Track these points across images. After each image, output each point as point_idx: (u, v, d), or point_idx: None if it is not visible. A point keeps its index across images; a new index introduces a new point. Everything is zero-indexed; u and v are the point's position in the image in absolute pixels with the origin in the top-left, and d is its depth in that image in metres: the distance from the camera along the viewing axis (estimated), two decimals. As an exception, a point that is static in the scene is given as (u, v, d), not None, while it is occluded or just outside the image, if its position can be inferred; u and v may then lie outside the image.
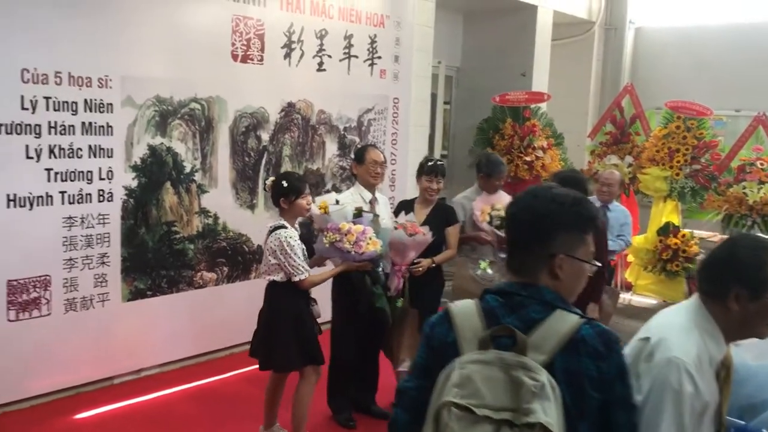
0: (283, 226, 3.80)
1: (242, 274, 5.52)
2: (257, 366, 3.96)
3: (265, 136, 5.54)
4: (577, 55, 9.69)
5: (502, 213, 4.67)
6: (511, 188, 7.36)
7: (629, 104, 8.15)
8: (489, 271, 4.73)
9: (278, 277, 3.80)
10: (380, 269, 4.17)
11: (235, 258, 5.47)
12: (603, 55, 9.89)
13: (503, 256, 4.72)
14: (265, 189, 3.99)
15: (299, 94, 5.74)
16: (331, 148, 6.06)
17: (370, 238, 3.94)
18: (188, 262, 5.15)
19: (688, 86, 8.75)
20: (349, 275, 4.09)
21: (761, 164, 7.12)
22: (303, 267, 3.78)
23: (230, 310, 5.33)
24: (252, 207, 5.52)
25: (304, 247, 3.85)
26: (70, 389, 4.61)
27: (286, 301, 3.82)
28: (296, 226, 3.93)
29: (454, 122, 9.35)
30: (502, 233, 4.63)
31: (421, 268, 4.35)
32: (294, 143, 5.75)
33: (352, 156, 4.58)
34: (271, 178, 3.94)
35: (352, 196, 4.36)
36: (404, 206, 4.62)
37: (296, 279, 3.78)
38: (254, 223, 5.46)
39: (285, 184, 3.81)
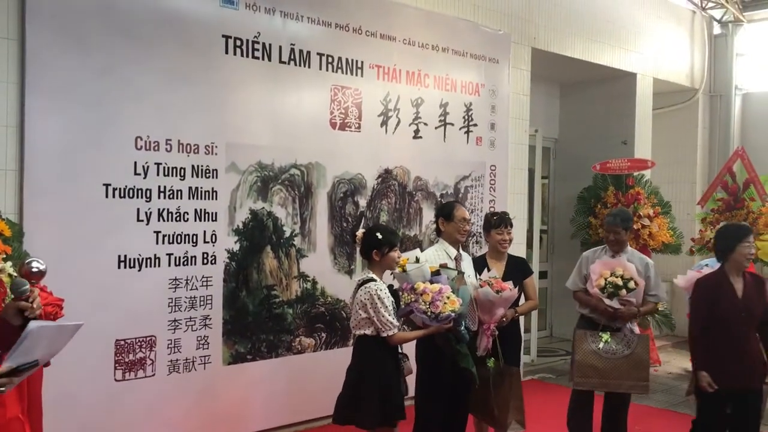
0: (372, 279, 3.76)
1: (340, 341, 5.47)
2: None
3: (363, 202, 5.59)
4: (682, 124, 9.41)
5: (620, 281, 4.45)
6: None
7: (741, 169, 7.75)
8: (612, 345, 4.49)
9: (369, 330, 3.73)
10: (463, 328, 4.01)
11: (333, 324, 5.43)
12: (709, 123, 9.56)
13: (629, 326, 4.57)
14: (354, 241, 3.97)
15: (396, 161, 5.81)
16: (428, 214, 6.02)
17: (448, 297, 3.82)
18: (287, 326, 5.16)
19: (801, 151, 8.28)
20: (431, 336, 3.95)
21: None
22: (392, 322, 3.70)
23: (329, 377, 5.21)
24: (350, 272, 5.52)
25: (393, 300, 3.78)
26: (171, 452, 4.62)
27: (375, 355, 3.74)
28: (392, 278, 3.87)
29: (553, 195, 9.18)
30: (614, 303, 4.43)
31: (505, 320, 4.29)
32: (391, 209, 5.78)
33: (437, 212, 4.53)
34: (362, 230, 3.94)
35: (437, 253, 4.30)
36: (478, 263, 4.54)
37: (384, 334, 3.70)
38: (352, 288, 5.38)
39: (379, 236, 3.78)
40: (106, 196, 4.26)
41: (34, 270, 3.16)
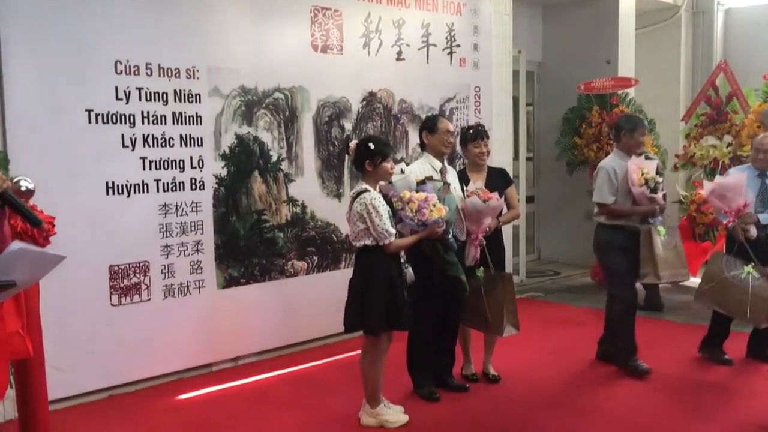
0: (366, 190, 3.77)
1: (332, 264, 5.53)
2: (353, 353, 3.92)
3: (348, 126, 5.58)
4: (665, 43, 9.36)
5: (655, 176, 4.61)
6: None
7: (724, 83, 7.75)
8: (668, 237, 4.63)
9: (369, 241, 3.76)
10: (450, 236, 4.07)
11: (324, 247, 5.49)
12: (692, 40, 9.51)
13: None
14: (347, 153, 3.96)
15: (380, 84, 5.77)
16: (414, 137, 6.00)
17: (434, 205, 3.86)
18: (279, 250, 5.20)
19: (784, 65, 8.26)
20: (421, 245, 4.01)
21: None
22: (388, 231, 3.73)
23: (322, 300, 5.33)
24: (339, 196, 5.55)
25: (389, 209, 3.81)
26: (172, 374, 4.72)
27: (377, 264, 3.76)
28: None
29: (538, 121, 9.18)
30: (657, 196, 4.58)
31: (489, 229, 4.35)
32: (377, 132, 5.76)
33: (421, 126, 4.52)
34: (354, 141, 3.92)
35: (422, 166, 4.32)
36: (459, 177, 4.56)
37: (382, 243, 3.74)
38: (341, 212, 5.42)
39: (372, 146, 3.77)
40: (89, 122, 4.23)
41: (23, 189, 3.18)
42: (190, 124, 4.67)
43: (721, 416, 4.02)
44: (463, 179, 4.53)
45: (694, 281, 5.14)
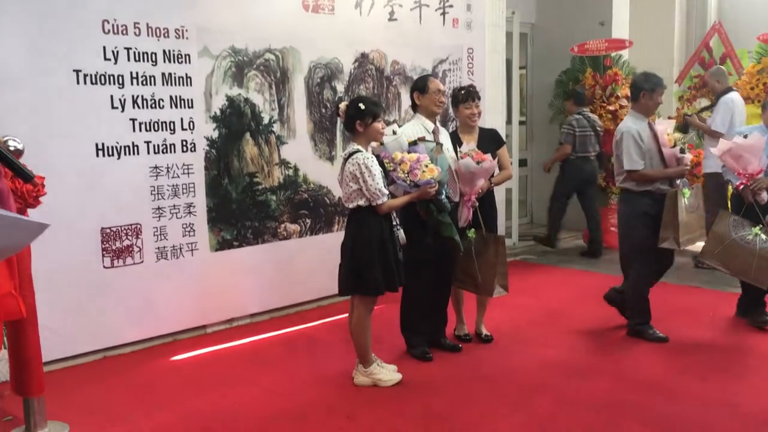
0: (359, 150, 3.76)
1: (325, 227, 5.52)
2: (347, 314, 3.98)
3: (340, 87, 5.52)
4: (659, 4, 9.30)
5: (683, 137, 4.61)
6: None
7: (718, 44, 7.73)
8: (692, 199, 4.58)
9: (362, 201, 3.75)
10: (443, 197, 4.06)
11: (317, 210, 5.47)
12: (686, 1, 9.44)
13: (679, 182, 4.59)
14: (338, 114, 3.92)
15: (372, 45, 5.70)
16: (407, 99, 5.92)
17: (426, 166, 3.85)
18: (271, 213, 5.18)
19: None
20: (414, 206, 4.01)
21: None
22: (381, 191, 3.72)
23: (316, 262, 5.34)
24: (331, 159, 5.52)
25: (381, 170, 3.79)
26: (167, 336, 4.73)
27: (370, 225, 3.76)
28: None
29: (531, 83, 9.11)
30: (687, 156, 4.51)
31: (481, 191, 4.35)
32: (369, 95, 5.71)
33: (412, 87, 4.46)
34: (344, 102, 3.89)
35: (414, 127, 4.29)
36: (452, 138, 4.52)
37: (375, 203, 3.73)
38: (334, 175, 5.38)
39: (362, 106, 3.74)
40: (78, 83, 4.16)
41: (12, 148, 3.14)
42: (180, 85, 4.60)
43: (713, 375, 4.08)
44: (456, 140, 4.51)
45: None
